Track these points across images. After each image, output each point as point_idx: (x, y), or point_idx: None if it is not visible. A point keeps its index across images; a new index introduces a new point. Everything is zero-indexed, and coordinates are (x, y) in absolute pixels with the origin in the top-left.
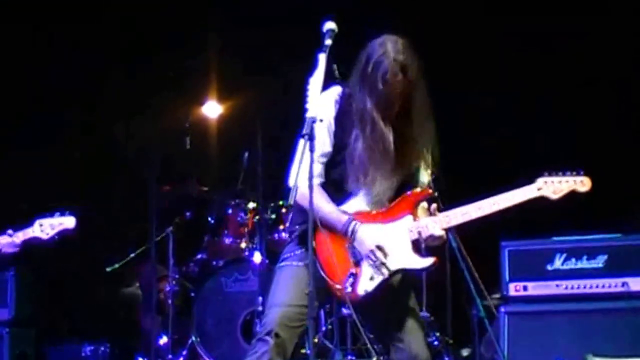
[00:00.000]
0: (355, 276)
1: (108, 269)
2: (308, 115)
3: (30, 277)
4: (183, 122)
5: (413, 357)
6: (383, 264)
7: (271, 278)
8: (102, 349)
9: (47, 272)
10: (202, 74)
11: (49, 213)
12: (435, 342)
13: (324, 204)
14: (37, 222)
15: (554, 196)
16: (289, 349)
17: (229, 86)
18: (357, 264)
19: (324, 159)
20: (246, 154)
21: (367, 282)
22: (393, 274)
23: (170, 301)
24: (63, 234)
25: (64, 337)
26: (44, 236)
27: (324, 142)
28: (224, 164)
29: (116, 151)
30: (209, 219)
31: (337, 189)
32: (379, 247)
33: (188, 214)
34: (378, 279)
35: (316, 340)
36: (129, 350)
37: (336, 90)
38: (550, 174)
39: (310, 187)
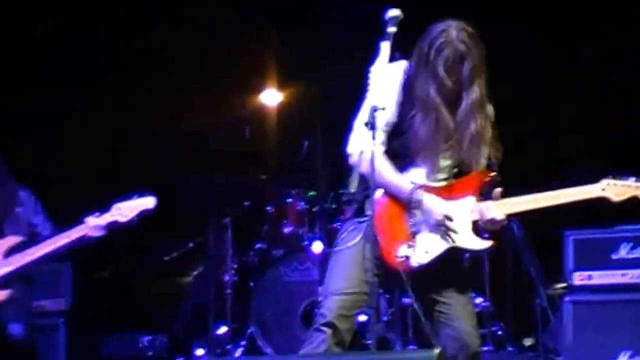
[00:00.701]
0: (410, 247)
1: (166, 258)
2: (370, 104)
3: (87, 267)
4: (242, 111)
5: (462, 345)
6: (449, 234)
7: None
8: (160, 339)
9: (103, 262)
10: (261, 62)
11: (125, 196)
12: (499, 332)
13: (386, 171)
14: (115, 206)
15: (616, 199)
16: (347, 338)
17: (289, 74)
18: (414, 235)
19: (388, 129)
20: (306, 143)
21: (422, 254)
22: (451, 250)
23: (229, 291)
24: (143, 215)
25: (120, 328)
26: (123, 219)
27: (389, 110)
28: (284, 153)
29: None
30: (268, 208)
31: (397, 159)
32: (448, 217)
33: (247, 203)
34: (434, 252)
35: (377, 330)
36: (187, 340)
37: (404, 63)
38: (614, 177)
39: (372, 155)
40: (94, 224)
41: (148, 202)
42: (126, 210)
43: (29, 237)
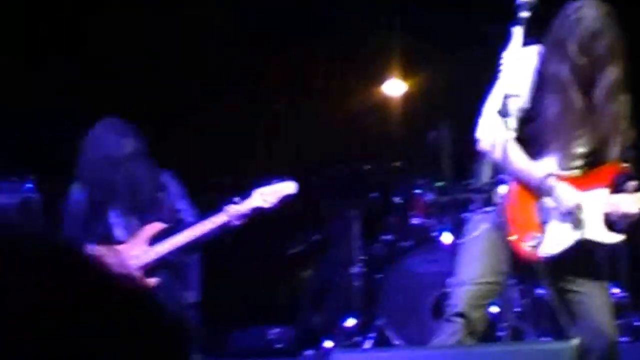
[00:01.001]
0: (539, 237)
1: (292, 251)
2: (503, 90)
3: (216, 260)
4: (367, 102)
5: (597, 336)
6: (579, 225)
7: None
8: (288, 332)
9: (231, 256)
10: (385, 52)
11: (265, 182)
12: (636, 323)
13: (518, 158)
14: (257, 192)
15: None
16: (480, 329)
17: (413, 63)
18: (543, 224)
19: (520, 114)
20: (433, 133)
21: (551, 245)
22: (582, 242)
23: (357, 283)
24: (284, 201)
25: (248, 321)
26: (266, 205)
27: (522, 97)
28: (410, 143)
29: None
30: (396, 199)
31: (529, 146)
32: (579, 208)
33: (374, 194)
34: (564, 244)
35: (510, 321)
36: (315, 333)
37: (537, 48)
38: None
39: (503, 142)
40: (235, 211)
41: (289, 186)
42: (268, 195)
43: (172, 223)
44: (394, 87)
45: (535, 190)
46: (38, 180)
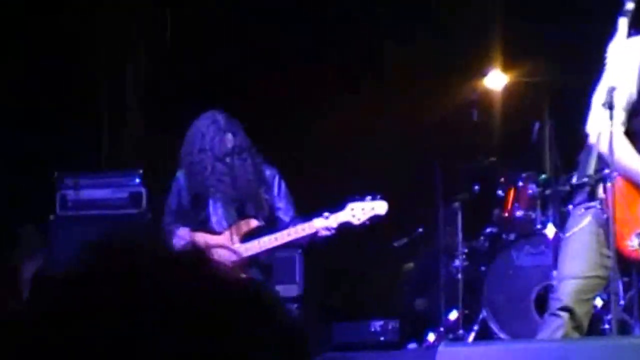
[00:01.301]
0: None
1: (395, 244)
2: (608, 83)
3: (317, 254)
4: (469, 94)
5: None
6: None
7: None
8: (392, 324)
9: (333, 249)
10: (485, 42)
11: (359, 196)
12: None
13: (625, 153)
14: (349, 206)
15: None
16: (585, 323)
17: (515, 54)
18: None
19: (628, 107)
20: (537, 125)
21: None
22: None
23: (460, 276)
24: (374, 220)
25: (351, 314)
26: (355, 221)
27: (630, 89)
28: (513, 135)
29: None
30: (498, 191)
31: (636, 140)
32: None
33: (476, 187)
34: None
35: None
36: (418, 325)
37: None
38: None
39: (610, 136)
40: (323, 225)
41: (381, 207)
42: (359, 212)
43: (268, 222)
44: (496, 79)
45: None
46: (144, 174)
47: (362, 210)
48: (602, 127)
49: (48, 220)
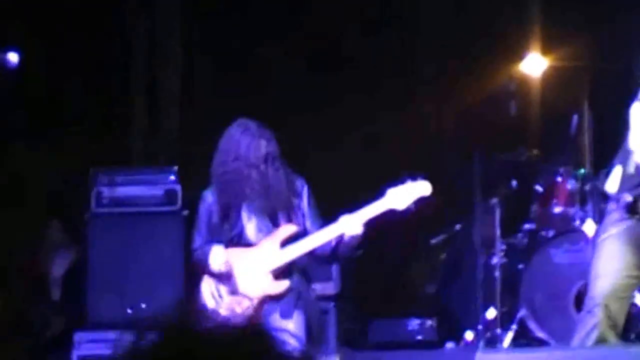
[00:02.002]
0: None
1: (433, 241)
2: None
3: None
4: (506, 84)
5: None
6: None
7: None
8: (430, 323)
9: (369, 246)
10: (524, 25)
11: (399, 180)
12: None
13: None
14: (389, 192)
15: None
16: (620, 321)
17: (554, 37)
18: None
19: None
20: (575, 118)
21: None
22: None
23: (497, 273)
24: (419, 203)
25: (388, 312)
26: (400, 206)
27: None
28: (551, 128)
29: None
30: (537, 187)
31: None
32: None
33: (514, 183)
34: None
35: None
36: (456, 324)
37: None
38: None
39: None
40: (348, 222)
41: (424, 187)
42: (402, 196)
43: (302, 228)
44: (534, 64)
45: None
46: (179, 171)
47: (405, 194)
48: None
49: (83, 218)
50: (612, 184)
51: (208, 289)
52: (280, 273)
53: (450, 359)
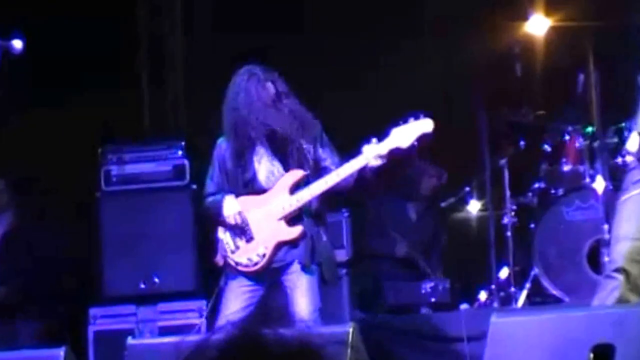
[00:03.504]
0: None
1: (443, 204)
2: None
3: (363, 215)
4: (510, 46)
5: None
6: None
7: (615, 204)
8: (443, 285)
9: (381, 210)
10: None
11: (402, 120)
12: None
13: None
14: (394, 131)
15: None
16: None
17: None
18: None
19: None
20: (581, 77)
21: None
22: None
23: (509, 233)
24: (422, 139)
25: (401, 275)
26: (404, 144)
27: None
28: (557, 87)
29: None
30: (545, 146)
31: None
32: None
33: (522, 143)
34: None
35: None
36: (469, 285)
37: None
38: None
39: None
40: (374, 153)
41: (426, 124)
42: (406, 134)
43: (313, 171)
44: (538, 24)
45: None
46: (186, 146)
47: (408, 132)
48: None
49: (94, 197)
50: (634, 142)
51: (225, 238)
52: (293, 218)
53: (465, 320)
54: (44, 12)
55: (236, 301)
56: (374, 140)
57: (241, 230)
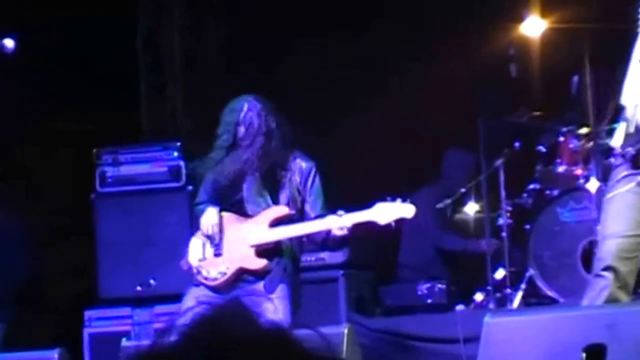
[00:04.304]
0: None
1: (439, 206)
2: None
3: None
4: (507, 48)
5: None
6: None
7: None
8: (439, 286)
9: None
10: None
11: (391, 198)
12: None
13: None
14: (378, 206)
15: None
16: (631, 281)
17: (553, 1)
18: None
19: None
20: (576, 78)
21: None
22: None
23: (504, 234)
24: (400, 223)
25: (398, 277)
26: (382, 221)
27: None
28: (553, 89)
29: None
30: (540, 147)
31: None
32: None
33: (517, 144)
34: None
35: None
36: (467, 286)
37: None
38: None
39: None
40: (336, 224)
41: (408, 210)
42: (387, 212)
43: (298, 213)
44: (534, 26)
45: None
46: (182, 147)
47: (390, 211)
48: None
49: (89, 198)
50: (618, 139)
51: (196, 244)
52: (264, 251)
53: (461, 321)
54: (42, 16)
55: (193, 300)
56: (340, 212)
57: (213, 243)
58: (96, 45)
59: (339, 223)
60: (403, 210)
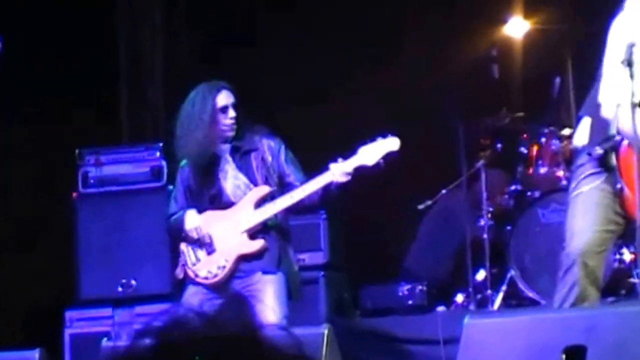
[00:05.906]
0: None
1: (420, 207)
2: (627, 40)
3: (341, 219)
4: (488, 49)
5: None
6: None
7: None
8: (420, 287)
9: (356, 213)
10: None
11: (369, 139)
12: None
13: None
14: (361, 149)
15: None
16: (599, 276)
17: (536, 2)
18: None
19: None
20: (557, 80)
21: None
22: None
23: (485, 235)
24: (388, 158)
25: (378, 278)
26: (370, 162)
27: None
28: (534, 90)
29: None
30: (521, 149)
31: None
32: None
33: (498, 145)
34: None
35: None
36: (446, 287)
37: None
38: None
39: (633, 106)
40: (339, 170)
41: (393, 143)
42: (372, 152)
43: (279, 188)
44: (516, 27)
45: None
46: (164, 147)
47: (374, 150)
48: (620, 97)
49: (71, 199)
50: (581, 136)
51: (185, 251)
52: (255, 233)
53: (442, 323)
54: (22, 19)
55: (193, 299)
56: (340, 159)
57: (202, 243)
58: (76, 48)
59: (343, 168)
60: (387, 144)
